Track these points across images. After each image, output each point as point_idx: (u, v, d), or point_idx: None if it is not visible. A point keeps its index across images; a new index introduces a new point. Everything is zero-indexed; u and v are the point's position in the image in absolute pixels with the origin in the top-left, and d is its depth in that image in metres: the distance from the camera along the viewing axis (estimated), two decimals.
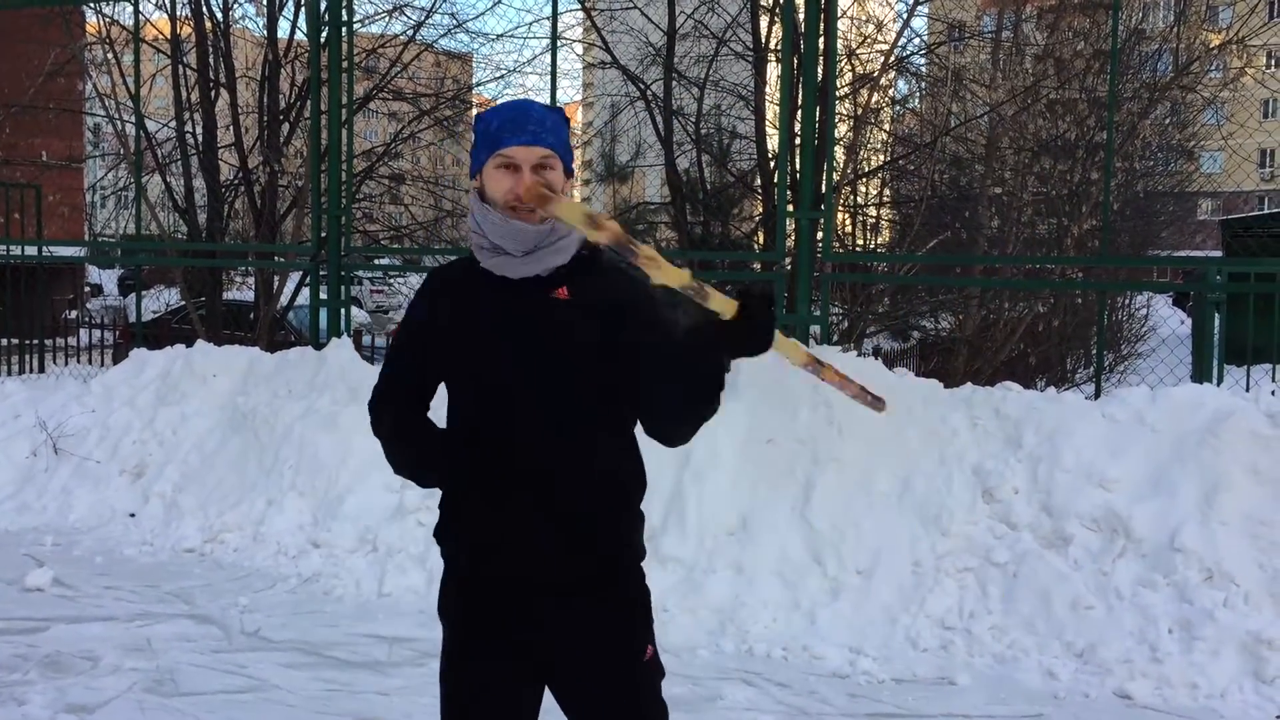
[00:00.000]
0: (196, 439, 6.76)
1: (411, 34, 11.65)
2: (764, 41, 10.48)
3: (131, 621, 4.93)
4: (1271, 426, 4.93)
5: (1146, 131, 12.72)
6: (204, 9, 10.65)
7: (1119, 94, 9.88)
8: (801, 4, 6.69)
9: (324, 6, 7.53)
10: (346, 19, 7.55)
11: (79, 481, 6.76)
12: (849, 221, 11.44)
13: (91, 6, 10.87)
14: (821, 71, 6.52)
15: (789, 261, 6.67)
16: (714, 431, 5.55)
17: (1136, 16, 12.28)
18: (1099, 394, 6.08)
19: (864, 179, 11.55)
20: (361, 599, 5.32)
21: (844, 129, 10.20)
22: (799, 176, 7.09)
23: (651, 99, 10.77)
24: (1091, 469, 5.01)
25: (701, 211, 11.19)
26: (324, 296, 7.60)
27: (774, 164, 9.40)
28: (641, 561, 2.21)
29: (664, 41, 10.61)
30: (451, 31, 14.44)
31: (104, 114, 11.32)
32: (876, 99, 11.06)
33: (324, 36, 7.55)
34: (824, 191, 6.56)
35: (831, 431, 5.48)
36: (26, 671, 4.34)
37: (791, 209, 6.75)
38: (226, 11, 10.92)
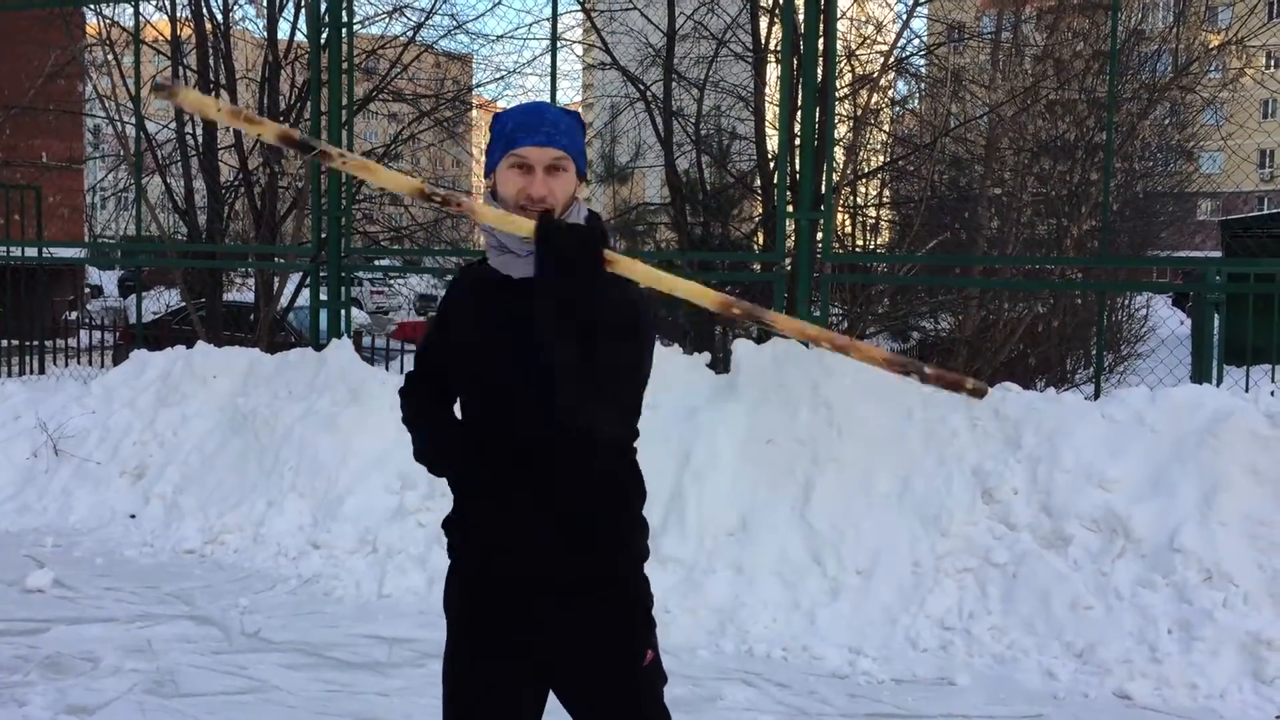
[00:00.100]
0: (197, 440, 6.77)
1: (411, 35, 11.67)
2: (764, 42, 10.48)
3: (132, 623, 4.94)
4: (1271, 427, 4.93)
5: (1146, 132, 12.73)
6: (204, 10, 10.67)
7: (1118, 94, 9.88)
8: (801, 5, 6.69)
9: (324, 8, 7.53)
10: (346, 20, 7.56)
11: (79, 483, 6.77)
12: (849, 222, 11.43)
13: (91, 8, 10.87)
14: (821, 72, 6.52)
15: (789, 262, 6.68)
16: (714, 432, 5.60)
17: (1136, 17, 12.28)
18: (1098, 394, 6.07)
19: (863, 180, 11.55)
20: (361, 600, 5.33)
21: (844, 130, 10.20)
22: (799, 177, 7.09)
23: (651, 100, 10.77)
24: (1091, 469, 5.01)
25: (701, 212, 11.18)
26: (324, 298, 7.60)
27: (774, 165, 9.40)
28: (644, 565, 2.21)
29: (664, 42, 10.61)
30: (451, 33, 14.41)
31: (104, 115, 11.33)
32: (876, 100, 11.05)
33: (324, 38, 7.56)
34: (824, 192, 6.57)
35: (831, 432, 5.48)
36: (27, 673, 4.35)
37: (791, 210, 6.76)
38: (226, 13, 10.94)
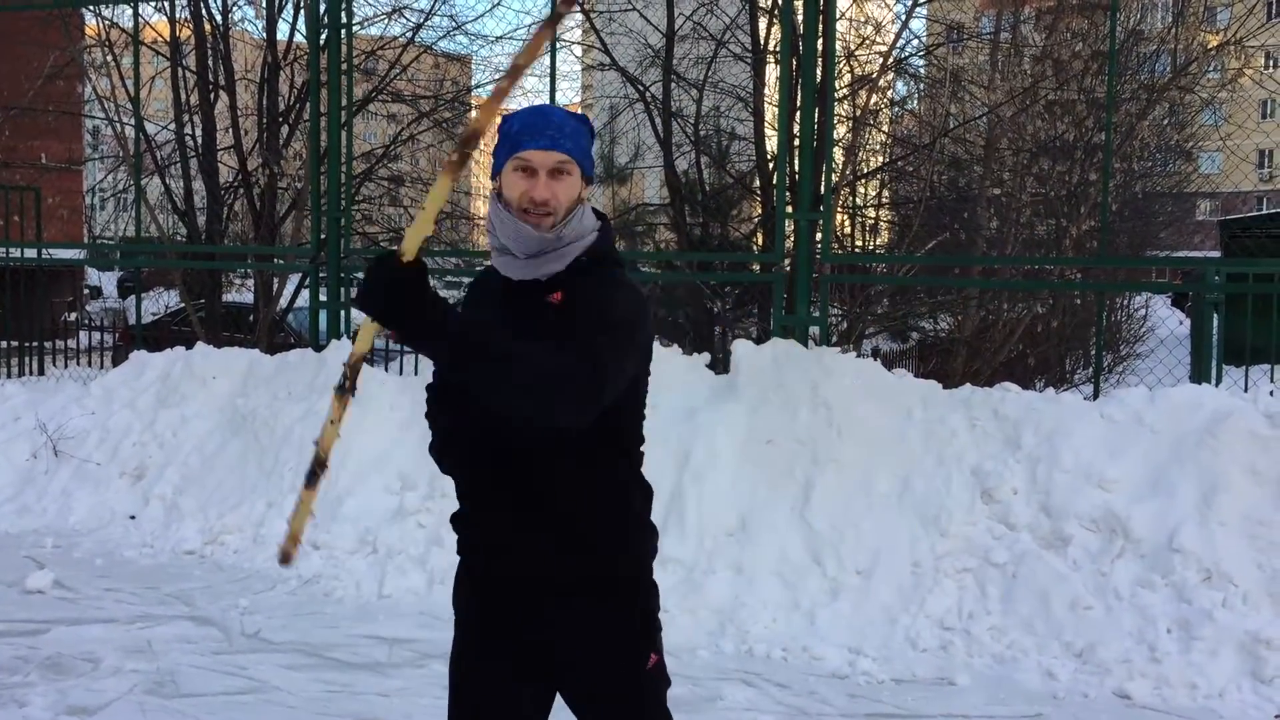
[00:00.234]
0: (196, 441, 6.77)
1: (411, 36, 11.67)
2: (763, 43, 10.48)
3: (132, 623, 4.94)
4: (1270, 427, 4.94)
5: (1145, 132, 12.72)
6: (203, 11, 10.66)
7: (1117, 95, 9.88)
8: (800, 5, 6.70)
9: (323, 9, 7.53)
10: (346, 21, 7.56)
11: (79, 484, 6.77)
12: (848, 223, 11.43)
13: (91, 9, 10.87)
14: (820, 73, 6.53)
15: (788, 263, 6.68)
16: (714, 432, 5.60)
17: (1134, 17, 12.28)
18: (1098, 394, 6.08)
19: (863, 180, 11.55)
20: (361, 600, 5.33)
21: (843, 130, 10.20)
22: (798, 178, 7.10)
23: (650, 101, 10.77)
24: (1090, 469, 5.02)
25: (700, 213, 11.18)
26: (324, 299, 7.60)
27: (773, 165, 9.40)
28: (649, 568, 2.21)
29: (663, 43, 10.62)
30: (451, 34, 14.47)
31: (103, 116, 11.33)
32: (875, 100, 11.06)
33: (323, 39, 7.56)
34: (823, 193, 6.57)
35: (831, 432, 5.49)
36: (27, 674, 4.35)
37: (790, 210, 6.76)
38: (226, 14, 10.93)
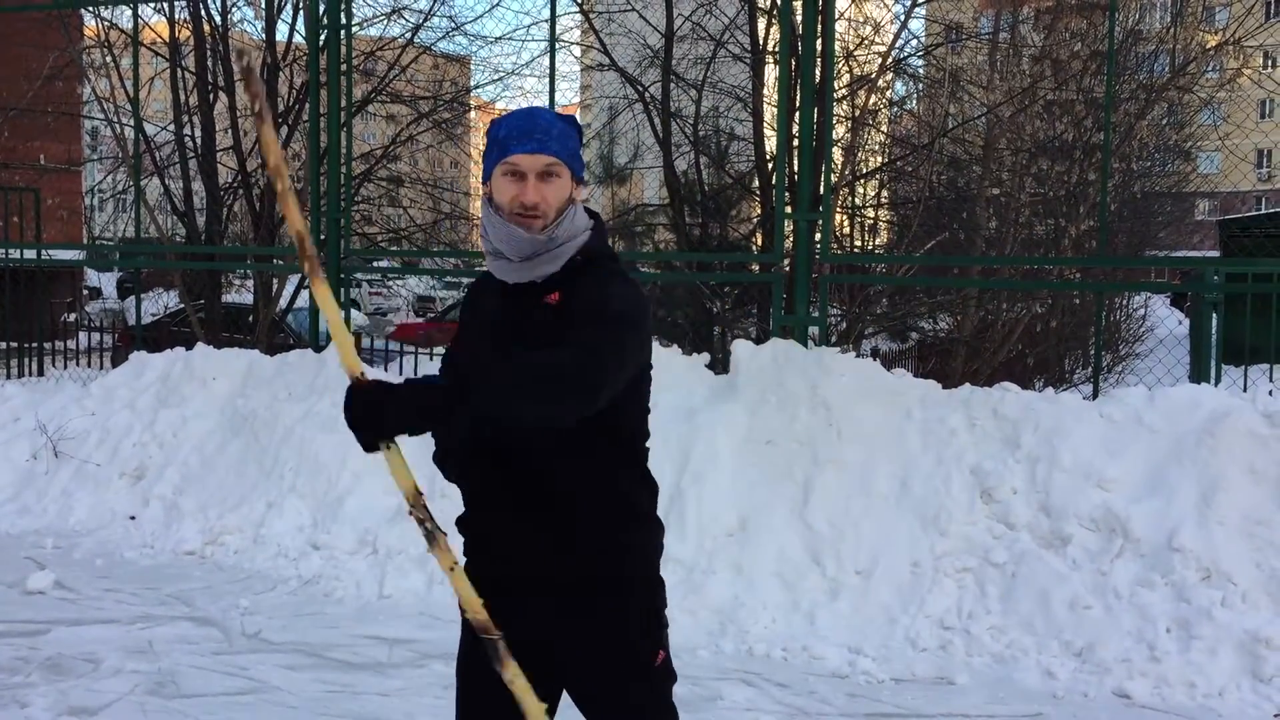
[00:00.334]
0: (196, 441, 6.77)
1: (410, 37, 11.67)
2: (762, 43, 10.49)
3: (133, 624, 4.94)
4: (1268, 426, 4.94)
5: (1144, 132, 12.74)
6: (202, 12, 10.67)
7: (1116, 95, 9.89)
8: (799, 6, 6.70)
9: (323, 9, 7.53)
10: (345, 22, 7.56)
11: (79, 484, 6.77)
12: (847, 223, 11.44)
13: (90, 10, 10.87)
14: (819, 73, 6.53)
15: (787, 263, 6.69)
16: (713, 433, 5.60)
17: (1133, 17, 12.30)
18: (1097, 394, 6.09)
19: (862, 180, 11.56)
20: (362, 601, 5.34)
21: (842, 130, 10.21)
22: (797, 178, 7.10)
23: (649, 101, 10.78)
24: (1090, 469, 5.02)
25: (700, 213, 11.19)
26: None
27: (772, 166, 9.40)
28: (655, 564, 2.23)
29: (662, 44, 10.62)
30: (450, 34, 14.47)
31: (103, 117, 11.33)
32: (874, 100, 11.07)
33: (323, 39, 7.56)
34: (822, 193, 6.58)
35: (830, 433, 5.49)
36: (28, 674, 4.35)
37: (789, 210, 6.77)
38: (225, 15, 10.94)
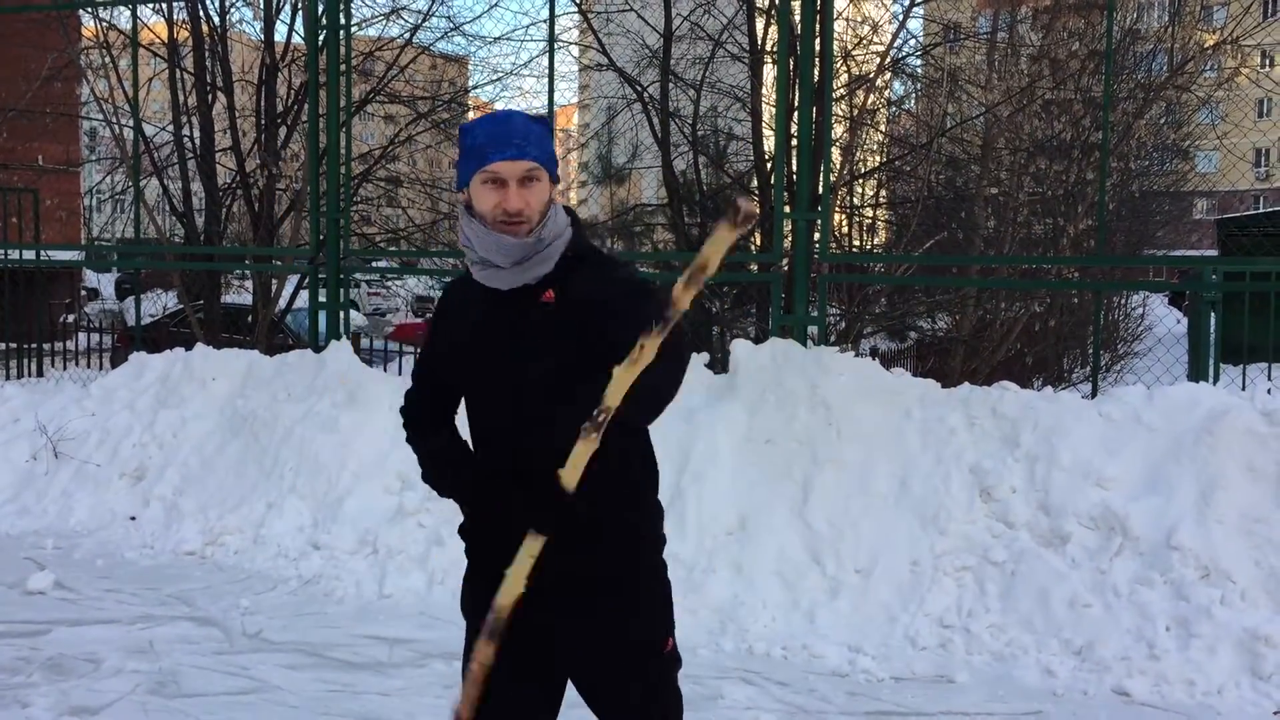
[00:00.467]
0: (196, 442, 6.77)
1: (409, 37, 11.67)
2: (760, 43, 10.50)
3: (133, 624, 4.94)
4: (1267, 424, 4.95)
5: (1142, 131, 12.75)
6: (201, 13, 10.67)
7: (1114, 94, 9.90)
8: (797, 6, 6.71)
9: (321, 10, 7.54)
10: (344, 22, 7.56)
11: (79, 485, 6.77)
12: (845, 222, 11.46)
13: (88, 11, 10.87)
14: (817, 73, 6.53)
15: (786, 262, 6.69)
16: (713, 432, 5.61)
17: (1131, 17, 12.32)
18: (1095, 393, 6.09)
19: (860, 180, 11.58)
20: (362, 601, 5.34)
21: (840, 130, 10.22)
22: (795, 178, 7.12)
23: (648, 101, 10.80)
24: (1089, 468, 5.03)
25: (698, 213, 11.21)
26: (323, 299, 7.61)
27: (770, 165, 9.42)
28: (662, 550, 2.25)
29: (660, 44, 10.63)
30: (448, 34, 14.43)
31: (101, 118, 11.33)
32: (872, 100, 11.09)
33: (321, 39, 7.56)
34: (820, 192, 6.58)
35: (830, 432, 5.50)
36: (29, 674, 4.35)
37: (788, 210, 6.77)
38: (223, 15, 10.94)
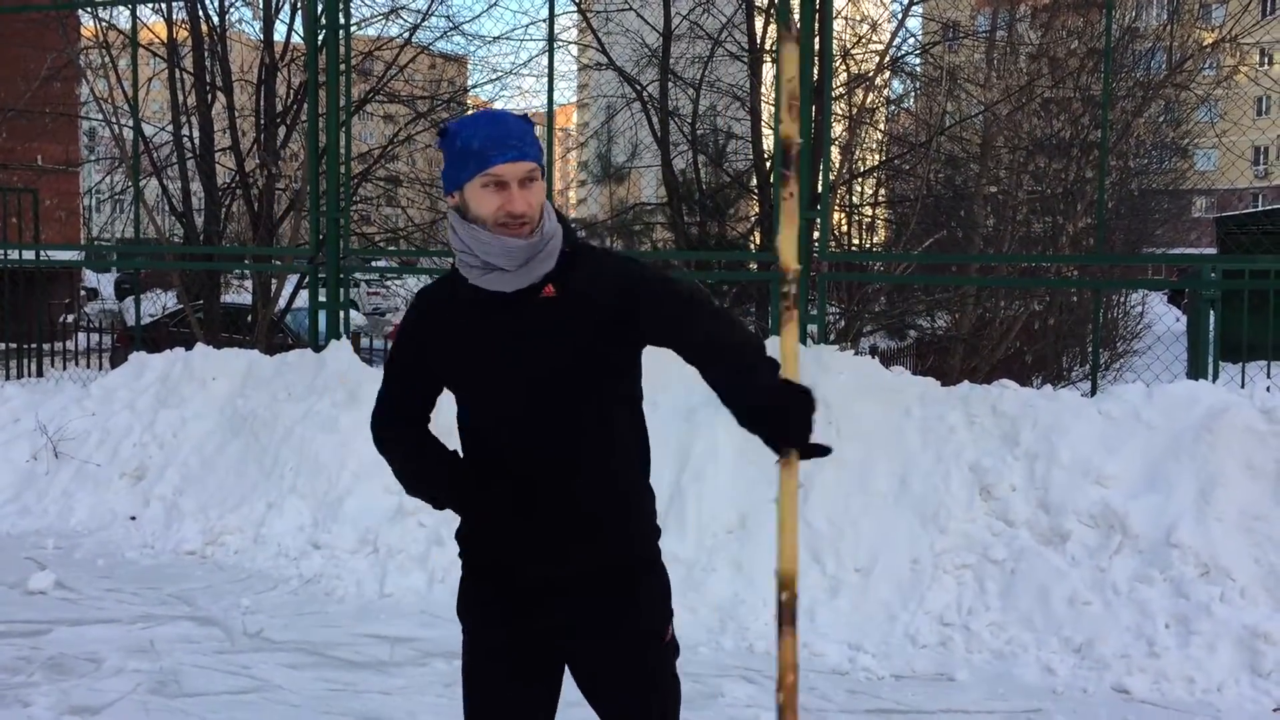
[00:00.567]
0: (196, 442, 6.78)
1: (408, 36, 11.67)
2: (759, 42, 10.51)
3: (134, 624, 4.95)
4: (1266, 422, 4.96)
5: (1141, 129, 12.76)
6: (200, 13, 10.67)
7: (1113, 92, 9.90)
8: (796, 4, 6.71)
9: (321, 9, 7.53)
10: (343, 22, 7.56)
11: (80, 485, 6.77)
12: (845, 221, 11.46)
13: (88, 11, 10.87)
14: (817, 72, 6.54)
15: None
16: (713, 431, 5.61)
17: (1130, 15, 12.32)
18: (1095, 391, 6.10)
19: (860, 179, 11.59)
20: (363, 600, 5.35)
21: (839, 129, 10.23)
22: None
23: (647, 100, 10.80)
24: (1088, 466, 5.04)
25: (698, 212, 11.22)
26: (323, 299, 7.61)
27: (770, 164, 9.42)
28: (656, 541, 2.23)
29: (659, 43, 10.64)
30: (448, 34, 14.43)
31: (101, 118, 11.33)
32: (872, 99, 11.10)
33: (321, 39, 7.56)
34: (820, 191, 6.59)
35: (829, 431, 5.50)
36: (30, 674, 4.36)
37: None
38: (223, 15, 10.94)
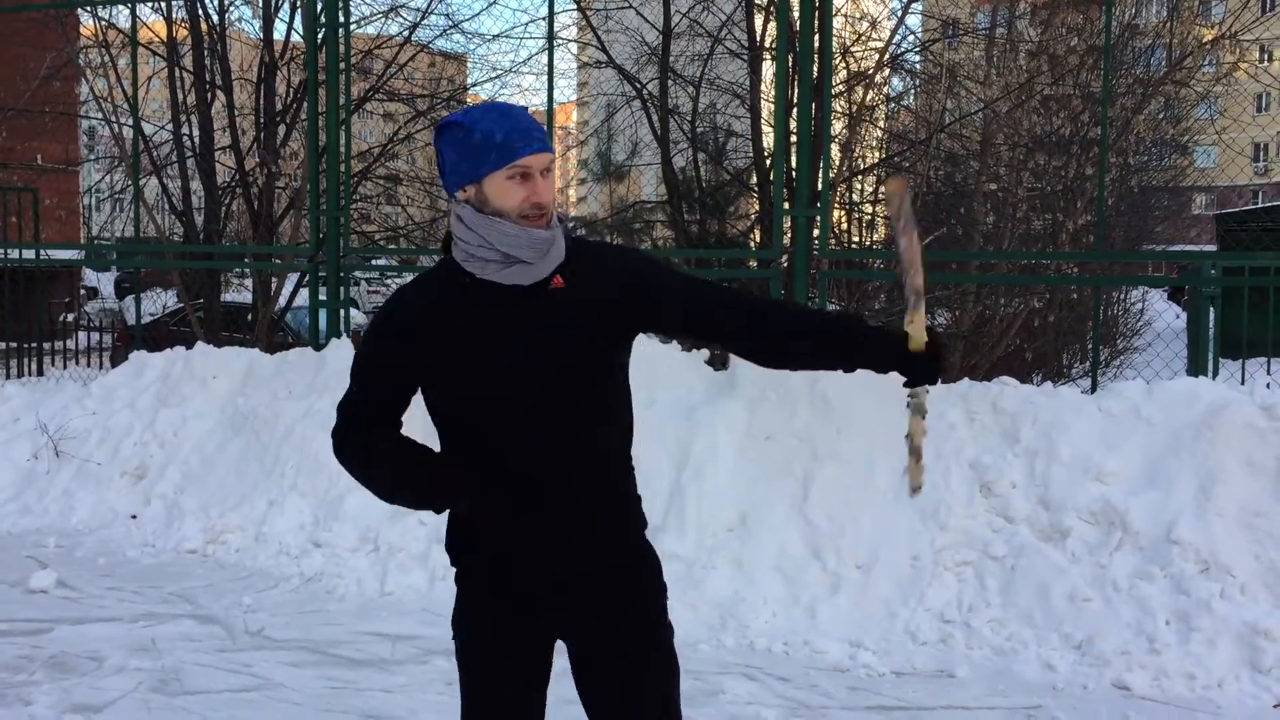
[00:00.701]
0: (197, 440, 6.78)
1: (407, 35, 11.67)
2: (759, 39, 10.51)
3: (135, 622, 4.96)
4: (1266, 419, 4.96)
5: (1140, 127, 12.74)
6: (200, 11, 10.67)
7: (1113, 89, 9.90)
8: (796, 2, 6.71)
9: (320, 8, 7.53)
10: (343, 20, 7.56)
11: (80, 484, 6.78)
12: (845, 219, 11.46)
13: (87, 10, 10.87)
14: (816, 69, 6.54)
15: (785, 259, 6.70)
16: (713, 429, 5.62)
17: (1130, 12, 12.31)
18: (1095, 388, 6.10)
19: (860, 176, 11.58)
20: (364, 598, 5.35)
21: (839, 126, 10.23)
22: (795, 174, 7.12)
23: (647, 98, 10.80)
24: (1088, 462, 5.04)
25: (698, 210, 11.22)
26: (323, 297, 7.61)
27: (770, 162, 9.42)
28: (644, 529, 2.26)
29: (659, 40, 10.64)
30: (447, 32, 14.45)
31: (100, 117, 11.33)
32: (871, 96, 11.09)
33: (321, 37, 7.56)
34: (820, 189, 6.59)
35: (830, 428, 5.51)
36: (32, 672, 4.37)
37: (787, 206, 6.78)
38: (222, 14, 10.94)
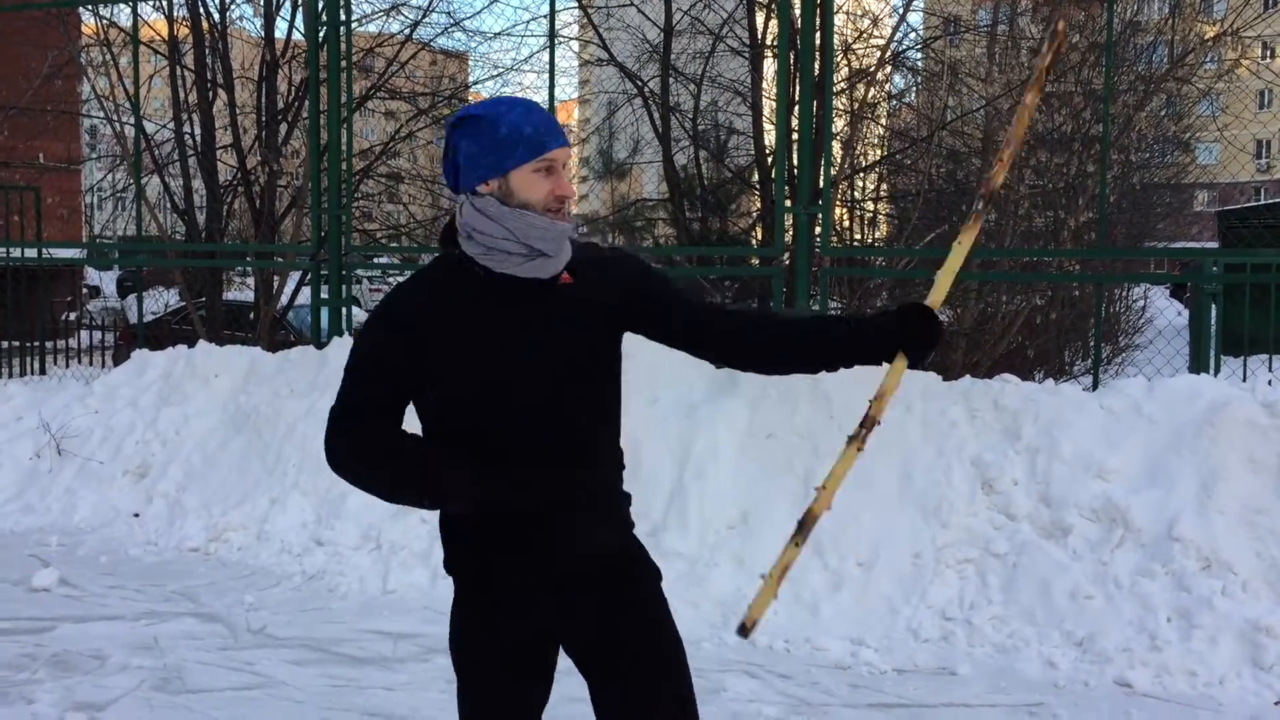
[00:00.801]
0: (199, 439, 6.79)
1: (409, 33, 11.67)
2: (760, 37, 10.51)
3: (138, 620, 4.97)
4: (1268, 416, 4.96)
5: (1142, 124, 12.72)
6: (201, 10, 10.67)
7: (1114, 86, 9.89)
8: (797, 0, 6.71)
9: (321, 6, 7.53)
10: (344, 18, 7.56)
11: (83, 482, 6.79)
12: (846, 216, 11.46)
13: (88, 8, 10.88)
14: (818, 66, 6.54)
15: (787, 256, 6.70)
16: (714, 427, 5.62)
17: (1131, 9, 12.29)
18: (1097, 385, 6.11)
19: (861, 173, 11.58)
20: (366, 596, 5.36)
21: (841, 124, 10.22)
22: (796, 171, 7.12)
23: (649, 96, 10.80)
24: (1090, 460, 5.04)
25: (699, 207, 11.22)
26: (325, 296, 7.61)
27: (771, 159, 9.42)
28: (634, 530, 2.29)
29: (661, 38, 10.64)
30: (448, 30, 14.43)
31: (102, 116, 11.34)
32: (873, 94, 11.09)
33: (322, 35, 7.56)
34: (821, 186, 6.59)
35: (831, 426, 5.51)
36: (34, 670, 4.38)
37: (789, 204, 6.78)
38: (224, 12, 10.94)
